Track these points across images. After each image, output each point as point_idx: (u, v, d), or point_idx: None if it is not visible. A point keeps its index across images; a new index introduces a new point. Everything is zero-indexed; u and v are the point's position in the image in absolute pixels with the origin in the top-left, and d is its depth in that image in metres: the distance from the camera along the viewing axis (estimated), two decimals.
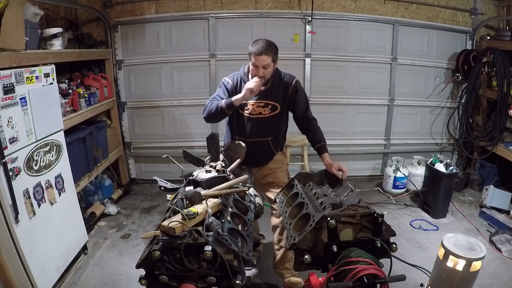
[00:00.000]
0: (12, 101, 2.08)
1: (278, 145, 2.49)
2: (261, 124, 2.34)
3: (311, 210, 1.68)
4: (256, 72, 2.20)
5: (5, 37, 2.18)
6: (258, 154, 2.40)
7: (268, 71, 2.22)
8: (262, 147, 2.39)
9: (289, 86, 2.35)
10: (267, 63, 2.18)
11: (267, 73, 2.23)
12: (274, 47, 2.23)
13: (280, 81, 2.35)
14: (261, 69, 2.19)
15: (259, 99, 2.31)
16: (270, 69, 2.23)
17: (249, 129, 2.36)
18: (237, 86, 2.35)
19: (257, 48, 2.15)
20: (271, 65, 2.21)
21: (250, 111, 2.33)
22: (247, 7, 4.02)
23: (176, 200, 1.76)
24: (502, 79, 3.75)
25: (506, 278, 2.65)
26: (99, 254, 3.00)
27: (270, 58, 2.18)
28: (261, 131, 2.36)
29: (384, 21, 4.15)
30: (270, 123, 2.36)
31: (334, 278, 1.49)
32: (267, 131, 2.37)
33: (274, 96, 2.32)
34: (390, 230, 1.62)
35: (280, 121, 2.40)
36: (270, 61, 2.19)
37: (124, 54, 4.15)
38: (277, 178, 2.43)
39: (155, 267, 1.41)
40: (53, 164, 2.51)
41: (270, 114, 2.34)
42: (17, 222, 2.09)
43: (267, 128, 2.37)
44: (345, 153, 4.55)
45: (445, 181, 3.51)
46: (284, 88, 2.34)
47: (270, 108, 2.33)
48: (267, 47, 2.16)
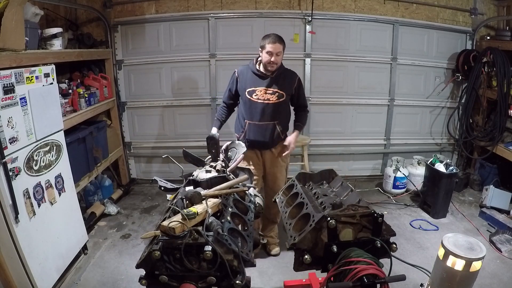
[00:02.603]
0: (12, 101, 2.08)
1: (284, 130, 2.76)
2: (268, 109, 2.65)
3: (311, 210, 1.68)
4: (269, 59, 2.55)
5: (5, 37, 2.18)
6: (265, 136, 2.69)
7: (280, 58, 2.59)
8: (268, 129, 2.68)
9: (293, 79, 2.70)
10: (280, 51, 2.55)
11: (279, 60, 2.59)
12: (283, 40, 2.63)
13: (285, 73, 2.70)
14: (275, 56, 2.54)
15: (267, 86, 2.64)
16: (281, 56, 2.60)
17: (258, 113, 2.66)
18: (241, 74, 2.72)
19: (271, 38, 2.55)
20: (282, 53, 2.58)
21: (258, 97, 2.64)
22: (247, 7, 4.02)
23: (176, 200, 1.75)
24: (502, 79, 3.75)
25: (506, 278, 2.65)
26: (99, 254, 3.00)
27: (282, 46, 2.57)
28: (268, 115, 2.66)
29: (384, 21, 4.15)
30: (276, 109, 2.66)
31: (334, 278, 1.49)
32: (273, 115, 2.67)
33: (281, 85, 2.65)
34: (390, 230, 1.62)
35: (285, 107, 2.73)
36: (282, 49, 2.57)
37: (124, 54, 4.15)
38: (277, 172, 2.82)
39: (155, 267, 1.41)
40: (53, 164, 2.51)
41: (276, 101, 2.65)
42: (17, 222, 2.09)
43: (273, 113, 2.66)
44: (345, 153, 4.56)
45: (445, 181, 3.51)
46: (289, 80, 2.69)
47: (277, 95, 2.64)
48: (279, 38, 2.58)
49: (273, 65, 2.58)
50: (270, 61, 2.55)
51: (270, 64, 2.57)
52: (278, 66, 2.63)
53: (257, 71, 2.66)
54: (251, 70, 2.69)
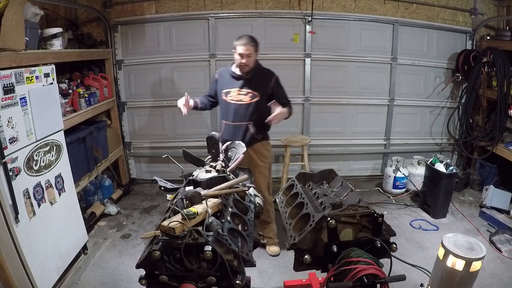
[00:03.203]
0: (12, 101, 2.08)
1: (260, 131, 2.76)
2: (241, 109, 2.69)
3: (311, 210, 1.68)
4: (241, 61, 2.60)
5: (5, 37, 2.18)
6: (237, 136, 2.68)
7: (251, 59, 2.62)
8: (241, 130, 2.71)
9: (269, 79, 2.71)
10: (251, 52, 2.58)
11: (250, 62, 2.62)
12: (256, 41, 2.66)
13: (261, 74, 2.72)
14: (246, 57, 2.58)
15: (241, 87, 2.68)
16: (253, 58, 2.63)
17: (231, 113, 2.73)
18: (220, 76, 2.82)
19: (242, 40, 2.60)
20: (253, 54, 2.62)
21: (232, 98, 2.71)
22: (247, 7, 4.02)
23: (176, 200, 1.75)
24: (502, 79, 3.75)
25: (506, 278, 2.65)
26: (99, 254, 3.00)
27: (253, 48, 2.61)
28: (241, 116, 2.70)
29: (384, 21, 4.15)
30: (249, 109, 2.69)
31: (334, 278, 1.49)
32: (246, 116, 2.70)
33: (254, 86, 2.68)
34: (390, 230, 1.62)
35: (259, 108, 2.69)
36: (253, 50, 2.60)
37: (124, 54, 4.15)
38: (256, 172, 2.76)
39: (155, 267, 1.41)
40: (53, 164, 2.51)
41: (249, 101, 2.68)
42: (17, 222, 2.09)
43: (246, 113, 2.70)
44: (345, 153, 4.56)
45: (445, 181, 3.51)
46: (265, 80, 2.71)
47: (250, 96, 2.68)
48: (251, 39, 2.61)
49: (245, 66, 2.62)
50: (241, 63, 2.60)
51: (241, 66, 2.63)
52: (252, 67, 2.66)
53: (233, 72, 2.73)
54: (228, 72, 2.76)
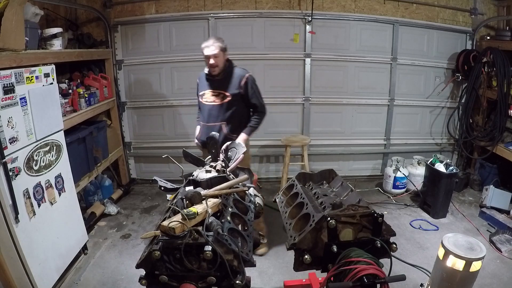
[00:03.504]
0: (12, 101, 2.08)
1: (233, 132, 2.76)
2: (214, 110, 2.74)
3: (311, 210, 1.68)
4: (209, 62, 2.61)
5: (5, 37, 2.18)
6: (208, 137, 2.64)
7: (219, 59, 2.62)
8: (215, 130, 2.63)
9: (241, 79, 2.71)
10: (216, 53, 2.59)
11: (219, 62, 2.63)
12: (222, 40, 2.67)
13: (233, 74, 2.73)
14: (213, 58, 2.59)
15: (213, 88, 2.72)
16: (220, 58, 2.63)
17: (206, 114, 2.79)
18: (200, 79, 2.87)
19: (206, 42, 2.62)
20: (220, 54, 2.62)
21: (206, 99, 2.76)
22: (247, 7, 4.02)
23: (176, 200, 1.76)
24: (502, 79, 3.75)
25: (506, 278, 2.65)
26: (99, 254, 3.00)
27: (218, 48, 2.60)
28: (214, 116, 2.75)
29: (384, 21, 4.15)
30: (222, 110, 2.72)
31: (334, 278, 1.49)
32: (219, 116, 2.74)
33: (225, 86, 2.70)
34: (390, 230, 1.62)
35: (233, 108, 2.72)
36: (219, 50, 2.60)
37: (124, 54, 4.15)
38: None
39: (155, 267, 1.41)
40: (53, 164, 2.51)
41: (221, 102, 2.71)
42: (17, 222, 2.09)
43: (219, 114, 2.73)
44: (345, 153, 4.56)
45: (445, 181, 3.51)
46: (236, 80, 2.71)
47: (221, 97, 2.70)
48: (216, 40, 2.62)
49: (214, 68, 2.64)
50: (210, 65, 2.62)
51: (211, 68, 2.65)
52: (223, 68, 2.68)
53: (206, 74, 2.77)
54: (204, 74, 2.80)
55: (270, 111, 4.33)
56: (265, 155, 4.50)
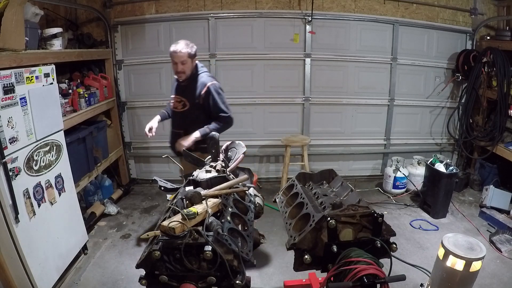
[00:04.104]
0: (12, 101, 2.08)
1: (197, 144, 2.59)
2: (176, 117, 2.70)
3: (311, 210, 1.68)
4: (176, 68, 2.50)
5: (5, 37, 2.18)
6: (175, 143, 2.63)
7: (187, 66, 2.51)
8: (177, 138, 2.63)
9: (201, 88, 2.55)
10: (184, 59, 2.47)
11: (186, 68, 2.51)
12: (191, 46, 2.53)
13: (196, 82, 2.58)
14: (180, 65, 2.48)
15: (177, 94, 2.64)
16: (188, 65, 2.51)
17: (172, 119, 2.75)
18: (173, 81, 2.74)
19: (173, 47, 2.48)
20: (188, 61, 2.50)
21: (172, 104, 2.69)
22: (247, 7, 4.02)
23: (176, 200, 1.76)
24: (502, 79, 3.75)
25: (506, 278, 2.65)
26: (99, 254, 3.00)
27: (186, 54, 2.47)
28: (177, 123, 2.70)
29: (384, 21, 4.15)
30: (182, 118, 2.64)
31: (334, 278, 1.49)
32: (179, 124, 2.66)
33: (186, 94, 2.59)
34: (390, 230, 1.62)
35: (190, 117, 2.60)
36: (186, 57, 2.48)
37: (124, 54, 4.15)
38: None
39: (155, 267, 1.41)
40: (53, 164, 2.51)
41: (181, 110, 2.62)
42: (17, 222, 2.09)
43: (179, 122, 2.66)
44: (345, 153, 4.56)
45: (445, 181, 3.51)
46: (196, 89, 2.56)
47: (182, 104, 2.61)
48: (184, 45, 2.48)
49: (181, 74, 2.54)
50: (177, 71, 2.53)
51: (177, 74, 2.56)
52: (190, 75, 2.57)
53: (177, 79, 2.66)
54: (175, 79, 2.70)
55: (270, 111, 4.41)
56: (265, 155, 4.50)
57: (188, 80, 2.58)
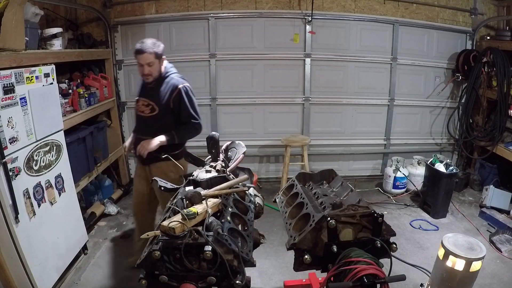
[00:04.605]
0: (12, 101, 2.08)
1: (161, 149, 2.34)
2: (142, 122, 2.44)
3: (311, 210, 1.68)
4: (142, 71, 2.28)
5: (5, 37, 2.19)
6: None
7: (154, 68, 2.29)
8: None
9: (172, 91, 2.33)
10: (151, 61, 2.25)
11: (153, 71, 2.30)
12: (158, 45, 2.30)
13: (166, 84, 2.36)
14: (146, 67, 2.26)
15: (145, 97, 2.40)
16: (155, 66, 2.29)
17: (137, 124, 2.52)
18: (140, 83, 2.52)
19: (139, 48, 2.24)
20: (155, 62, 2.28)
21: (138, 108, 2.45)
22: (247, 7, 4.02)
23: (176, 200, 1.76)
24: (502, 79, 3.75)
25: (506, 278, 2.65)
26: (99, 254, 3.00)
27: (153, 55, 2.25)
28: (142, 129, 2.44)
29: (384, 21, 4.15)
30: (149, 123, 2.40)
31: (334, 278, 1.49)
32: (146, 130, 2.40)
33: (155, 98, 2.35)
34: (390, 230, 1.62)
35: (159, 122, 2.36)
36: (153, 58, 2.26)
37: (124, 54, 4.15)
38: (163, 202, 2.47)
39: (155, 267, 1.41)
40: (53, 164, 2.51)
41: (149, 115, 2.38)
42: (17, 222, 2.09)
43: (146, 127, 2.41)
44: (345, 153, 4.56)
45: (445, 181, 3.51)
46: (168, 92, 2.34)
47: (150, 108, 2.37)
48: (150, 45, 2.25)
49: (148, 77, 2.32)
50: (144, 74, 2.30)
51: (144, 77, 2.34)
52: (157, 76, 2.34)
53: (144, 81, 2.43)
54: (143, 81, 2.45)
55: (270, 111, 4.41)
56: (265, 155, 4.50)
57: (157, 82, 2.36)
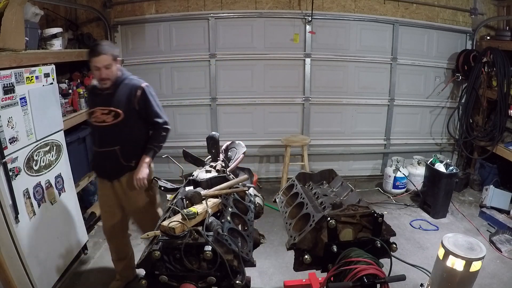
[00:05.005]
0: (12, 101, 2.08)
1: (131, 157, 2.25)
2: (105, 132, 2.22)
3: (311, 210, 1.68)
4: (99, 75, 2.12)
5: (5, 37, 2.19)
6: (106, 165, 2.27)
7: (112, 71, 2.15)
8: (109, 158, 2.23)
9: (135, 92, 2.20)
10: (109, 63, 2.11)
11: (111, 74, 2.15)
12: (113, 46, 2.23)
13: (125, 86, 2.22)
14: (104, 70, 2.11)
15: (103, 105, 2.19)
16: (113, 69, 2.16)
17: (97, 138, 2.27)
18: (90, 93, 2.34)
19: (95, 50, 2.10)
20: (112, 64, 2.15)
21: (96, 119, 2.22)
22: (247, 7, 4.02)
23: (176, 200, 1.76)
24: (502, 79, 3.75)
25: (506, 278, 2.65)
26: (99, 254, 3.00)
27: (110, 56, 2.13)
28: (106, 140, 2.22)
29: (384, 21, 4.15)
30: (114, 132, 2.21)
31: (334, 278, 1.49)
32: (112, 140, 2.21)
33: (116, 102, 2.18)
34: (390, 230, 1.62)
35: (125, 129, 2.22)
36: (111, 60, 2.13)
37: (124, 54, 4.15)
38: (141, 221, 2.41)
39: (155, 267, 1.41)
40: (53, 164, 2.51)
41: (112, 122, 2.18)
42: (17, 222, 2.09)
43: (111, 137, 2.21)
44: (345, 153, 4.56)
45: (445, 181, 3.51)
46: (129, 93, 2.20)
47: (113, 115, 2.18)
48: (106, 46, 2.14)
49: (106, 81, 2.15)
50: (101, 78, 2.13)
51: (101, 81, 2.16)
52: (114, 80, 2.19)
53: (95, 88, 2.26)
54: (93, 87, 2.28)
55: (270, 111, 4.41)
56: (265, 155, 4.50)
57: (115, 86, 2.19)
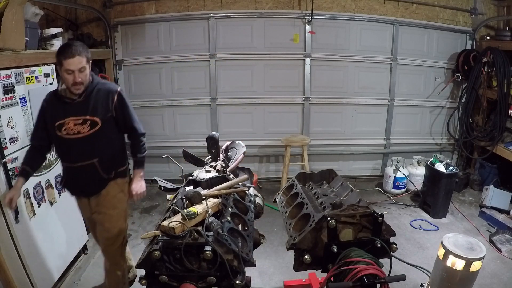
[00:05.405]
0: (12, 101, 2.08)
1: (111, 168, 2.07)
2: (82, 144, 1.97)
3: (311, 210, 1.68)
4: (73, 79, 1.85)
5: (5, 37, 2.19)
6: (83, 181, 2.06)
7: (85, 74, 1.91)
8: (87, 172, 2.02)
9: (111, 97, 2.01)
10: (83, 65, 1.88)
11: (85, 77, 1.91)
12: (86, 47, 1.96)
13: (99, 91, 1.99)
14: (77, 73, 1.85)
15: (76, 115, 1.94)
16: (87, 71, 1.93)
17: (71, 152, 2.00)
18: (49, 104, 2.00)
19: (68, 51, 1.83)
20: (86, 67, 1.91)
21: (68, 131, 1.94)
22: (247, 7, 4.02)
23: (176, 200, 1.76)
24: (502, 79, 3.75)
25: (506, 278, 2.65)
26: (99, 254, 2.99)
27: (85, 58, 1.89)
28: (82, 153, 1.99)
29: (384, 21, 4.15)
30: (91, 143, 1.98)
31: (334, 278, 1.49)
32: (90, 153, 1.99)
33: (92, 110, 1.96)
34: (390, 230, 1.63)
35: (104, 139, 2.02)
36: (85, 62, 1.89)
37: (124, 54, 4.15)
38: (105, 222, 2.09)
39: (155, 267, 1.42)
40: (53, 164, 2.51)
41: (89, 132, 1.95)
42: (17, 222, 2.09)
43: (89, 149, 1.99)
44: (345, 153, 4.56)
45: (445, 181, 3.51)
46: (105, 99, 2.00)
47: (89, 124, 1.95)
48: (80, 47, 1.87)
49: (79, 86, 1.89)
50: (75, 82, 1.86)
51: (75, 86, 1.89)
52: (87, 85, 1.95)
53: (62, 97, 1.96)
54: (56, 96, 1.99)
55: (270, 111, 4.41)
56: (265, 155, 4.50)
57: (87, 93, 1.96)
